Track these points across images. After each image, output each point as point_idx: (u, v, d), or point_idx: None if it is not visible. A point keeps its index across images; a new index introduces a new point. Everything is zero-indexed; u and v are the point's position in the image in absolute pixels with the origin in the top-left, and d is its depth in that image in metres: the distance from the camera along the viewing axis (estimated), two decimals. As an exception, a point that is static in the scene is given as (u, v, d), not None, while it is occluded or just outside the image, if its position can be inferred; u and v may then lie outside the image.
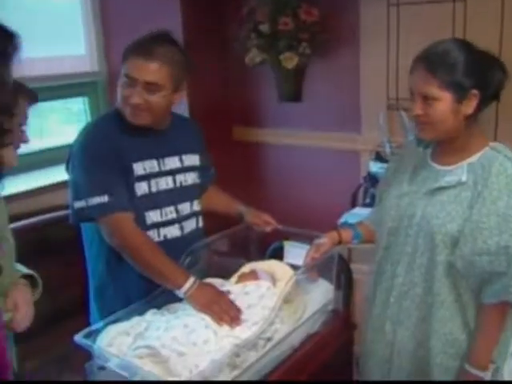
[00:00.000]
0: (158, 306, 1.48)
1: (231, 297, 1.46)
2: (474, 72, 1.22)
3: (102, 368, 1.25)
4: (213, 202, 1.80)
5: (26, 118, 1.23)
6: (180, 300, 1.47)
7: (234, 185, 1.92)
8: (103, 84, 2.59)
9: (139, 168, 1.51)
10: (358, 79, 2.38)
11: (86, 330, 1.31)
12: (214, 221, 1.77)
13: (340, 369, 1.63)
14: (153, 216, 1.54)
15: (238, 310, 1.38)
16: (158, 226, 1.55)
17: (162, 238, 1.56)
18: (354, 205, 2.43)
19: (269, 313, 1.39)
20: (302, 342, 1.51)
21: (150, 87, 1.42)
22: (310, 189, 2.73)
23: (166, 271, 1.42)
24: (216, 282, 1.61)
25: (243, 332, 1.35)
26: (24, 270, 1.32)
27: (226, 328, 1.35)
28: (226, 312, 1.36)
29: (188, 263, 1.57)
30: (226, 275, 1.67)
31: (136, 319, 1.41)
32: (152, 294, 1.48)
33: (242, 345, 1.30)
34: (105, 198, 1.43)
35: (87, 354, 1.28)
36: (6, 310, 1.19)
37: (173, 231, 1.58)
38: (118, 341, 1.32)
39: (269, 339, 1.39)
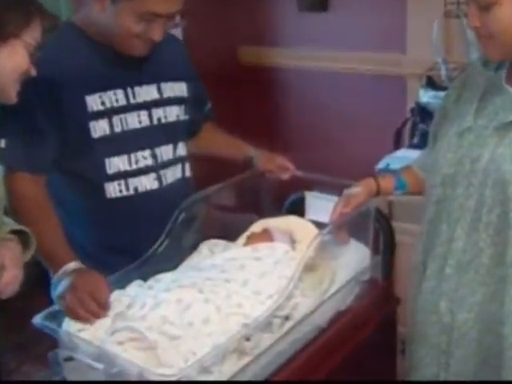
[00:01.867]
0: (144, 277, 1.50)
1: (237, 263, 1.50)
2: None
3: (70, 358, 1.26)
4: (211, 144, 1.84)
5: (37, 46, 1.24)
6: (172, 268, 1.51)
7: (240, 124, 1.92)
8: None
9: (95, 102, 1.52)
10: (403, -23, 2.44)
11: (49, 310, 1.32)
12: (210, 169, 1.79)
13: (379, 357, 1.64)
14: (118, 163, 1.56)
15: (103, 306, 1.37)
16: (125, 175, 1.58)
17: (131, 192, 1.59)
18: (397, 146, 2.45)
19: (286, 283, 1.39)
20: (329, 322, 1.52)
21: (172, 18, 1.49)
22: (340, 126, 2.74)
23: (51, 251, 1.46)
24: (218, 244, 1.64)
25: (254, 308, 1.36)
26: (14, 224, 1.35)
27: (233, 302, 1.37)
28: (84, 304, 1.34)
29: (182, 223, 1.59)
30: (231, 236, 1.69)
31: (115, 294, 1.42)
32: (137, 261, 1.51)
33: (253, 325, 1.31)
34: (1, 143, 1.46)
35: (52, 341, 1.29)
36: None
37: (147, 182, 1.61)
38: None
39: (287, 317, 1.41)
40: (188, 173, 1.73)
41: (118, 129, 1.55)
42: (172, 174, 1.67)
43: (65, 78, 1.48)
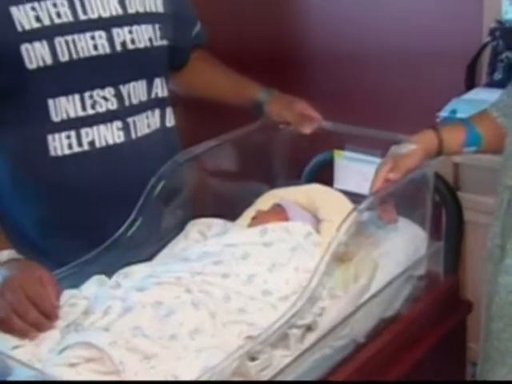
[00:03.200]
0: (108, 270, 1.52)
1: (239, 251, 1.51)
2: None
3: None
4: (202, 81, 1.87)
5: None
6: (148, 258, 1.56)
7: (246, 60, 1.98)
8: None
9: (26, 16, 1.51)
10: None
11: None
12: (201, 117, 1.85)
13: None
14: (66, 107, 1.57)
15: (47, 314, 1.37)
16: (76, 124, 1.58)
17: (85, 147, 1.60)
18: (470, 83, 2.44)
19: (308, 280, 1.39)
20: (369, 334, 1.53)
21: None
22: (386, 56, 2.72)
23: None
24: (212, 225, 1.66)
25: (263, 315, 1.38)
26: None
27: (232, 306, 1.40)
28: (21, 310, 1.33)
29: (160, 194, 1.61)
30: (230, 213, 1.72)
31: (66, 295, 1.44)
32: (98, 248, 1.55)
33: (261, 338, 1.31)
34: None
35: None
36: None
37: (109, 134, 1.62)
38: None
39: (309, 328, 1.42)
40: (169, 122, 1.75)
41: (63, 57, 1.55)
42: (145, 123, 1.68)
43: None
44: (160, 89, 1.71)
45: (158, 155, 1.67)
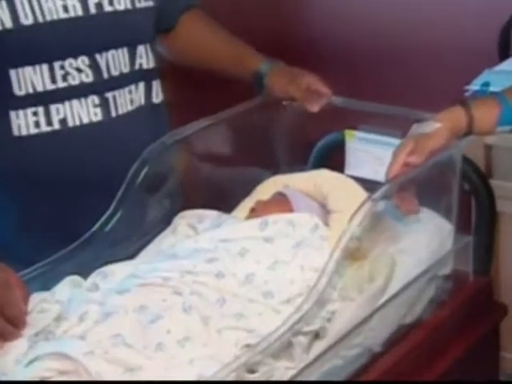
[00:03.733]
0: (84, 270, 1.52)
1: (235, 247, 1.52)
2: None
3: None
4: (194, 46, 1.86)
5: None
6: (130, 255, 1.58)
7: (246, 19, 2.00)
8: None
9: None
10: None
11: None
12: (192, 91, 1.87)
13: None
14: (32, 78, 1.56)
15: (13, 320, 1.37)
16: (43, 99, 1.58)
17: (56, 127, 1.60)
18: (504, 52, 2.45)
19: (316, 279, 1.39)
20: (386, 343, 1.54)
21: None
22: (408, 23, 2.74)
23: None
24: (204, 217, 1.67)
25: (264, 320, 1.39)
26: None
27: (228, 310, 1.40)
28: None
29: (144, 181, 1.61)
30: (225, 204, 1.73)
31: (36, 299, 1.44)
32: (72, 245, 1.55)
33: (262, 347, 1.30)
34: None
35: None
36: None
37: (83, 111, 1.62)
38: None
39: (317, 335, 1.42)
40: (156, 97, 1.76)
41: (26, 19, 1.54)
42: (128, 99, 1.69)
43: None
44: (145, 58, 1.71)
45: (142, 136, 1.68)
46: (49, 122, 1.60)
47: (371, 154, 1.72)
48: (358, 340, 1.48)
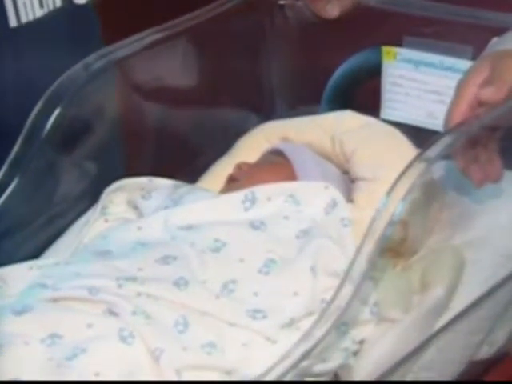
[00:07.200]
0: None
1: (206, 239, 1.38)
2: None
3: None
4: None
5: None
6: (33, 254, 1.45)
7: None
8: None
9: None
10: None
11: None
12: None
13: None
14: None
15: None
16: None
17: None
18: None
19: (336, 288, 1.19)
20: None
21: None
22: None
23: None
24: (158, 188, 1.52)
25: (250, 355, 1.23)
26: None
27: (194, 342, 1.21)
28: None
29: (53, 132, 1.40)
30: (187, 168, 1.62)
31: None
32: None
33: None
34: None
35: None
36: None
37: None
38: None
39: (337, 376, 1.30)
40: None
41: None
42: (37, 0, 1.55)
43: None
44: None
45: (57, 56, 1.55)
46: None
47: (423, 84, 1.55)
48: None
